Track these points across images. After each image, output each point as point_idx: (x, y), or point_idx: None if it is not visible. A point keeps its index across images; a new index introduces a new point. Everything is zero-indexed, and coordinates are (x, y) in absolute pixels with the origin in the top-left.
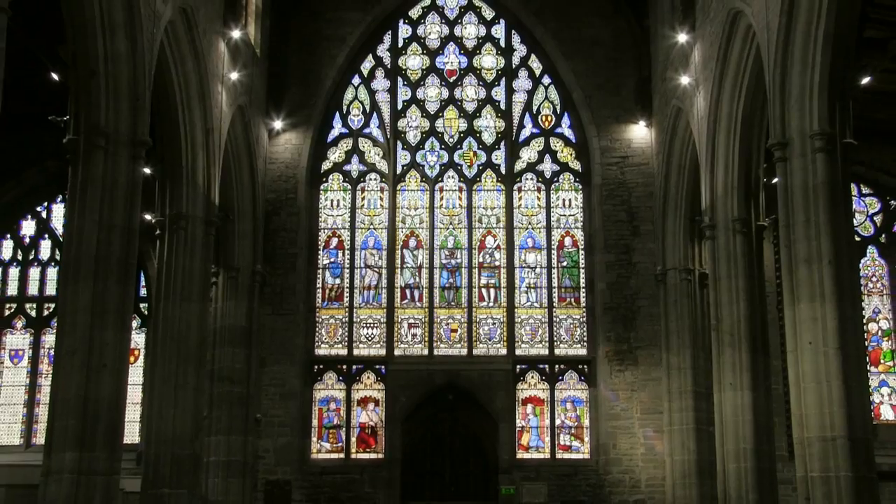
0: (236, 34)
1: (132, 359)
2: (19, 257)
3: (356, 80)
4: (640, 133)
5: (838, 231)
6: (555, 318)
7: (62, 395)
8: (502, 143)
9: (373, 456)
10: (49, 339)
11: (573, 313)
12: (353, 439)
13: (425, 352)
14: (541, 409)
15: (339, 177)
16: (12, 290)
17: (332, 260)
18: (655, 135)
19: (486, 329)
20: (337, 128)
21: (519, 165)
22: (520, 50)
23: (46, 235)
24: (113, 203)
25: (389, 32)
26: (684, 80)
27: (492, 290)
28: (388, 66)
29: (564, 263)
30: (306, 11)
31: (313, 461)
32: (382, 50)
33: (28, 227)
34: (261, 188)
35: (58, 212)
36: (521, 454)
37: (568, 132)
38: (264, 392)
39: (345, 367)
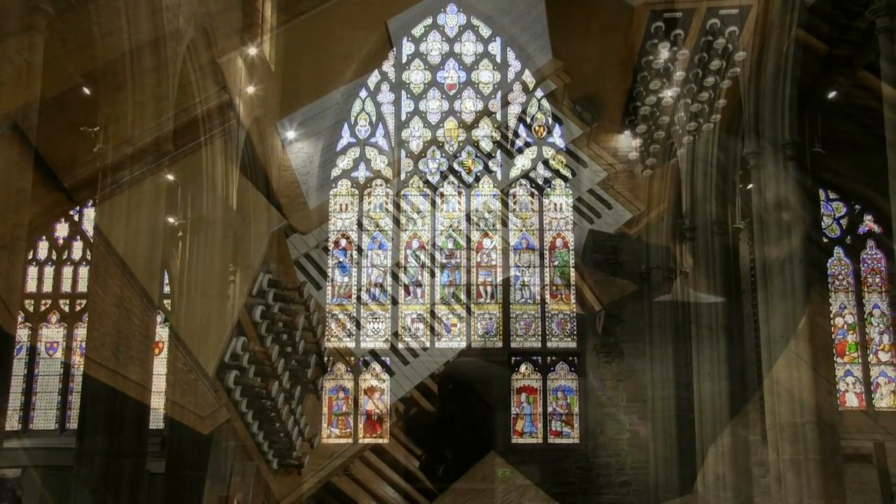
0: (252, 51)
1: (157, 350)
2: (54, 257)
3: (363, 93)
4: (625, 142)
5: (807, 233)
6: (547, 314)
7: (93, 383)
8: (498, 152)
9: (379, 441)
10: (81, 332)
11: (564, 309)
12: (361, 425)
13: (427, 345)
14: (534, 397)
15: (347, 183)
16: (47, 287)
17: (340, 260)
18: (640, 143)
19: (484, 324)
20: (345, 137)
21: (514, 172)
22: (514, 65)
23: (78, 237)
24: (139, 207)
25: (394, 49)
26: (667, 92)
27: (489, 288)
28: (393, 81)
29: (556, 263)
30: (317, 30)
31: (324, 446)
32: (387, 65)
33: (62, 230)
34: (275, 193)
35: (89, 215)
36: (515, 439)
37: (559, 141)
38: (278, 382)
39: (353, 358)
